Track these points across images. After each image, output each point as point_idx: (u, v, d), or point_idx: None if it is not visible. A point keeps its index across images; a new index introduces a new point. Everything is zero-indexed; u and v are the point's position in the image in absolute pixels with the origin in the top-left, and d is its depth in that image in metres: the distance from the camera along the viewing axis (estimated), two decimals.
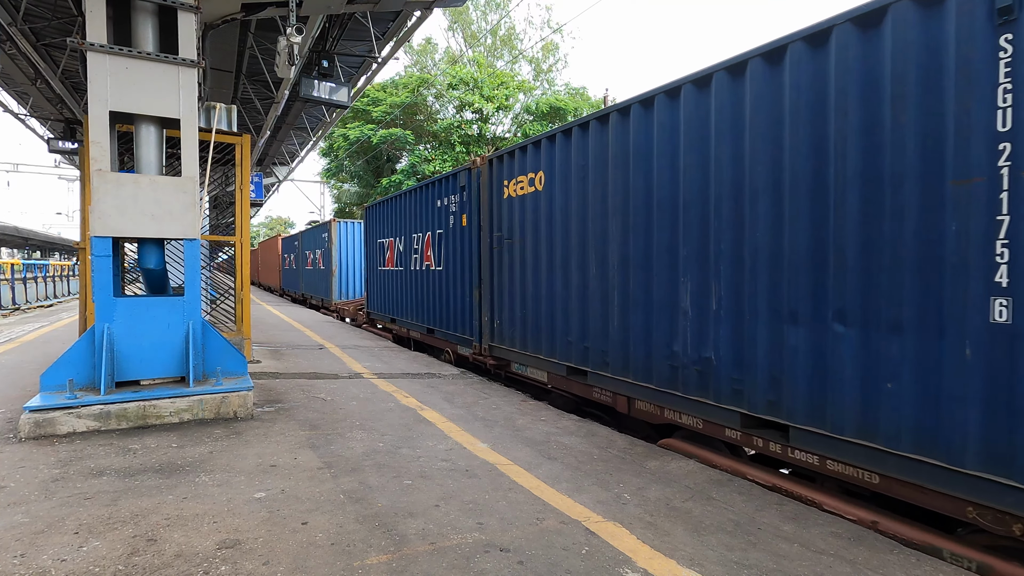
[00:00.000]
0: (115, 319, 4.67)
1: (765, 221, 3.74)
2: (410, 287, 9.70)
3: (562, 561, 2.61)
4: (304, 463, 3.83)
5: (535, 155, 6.08)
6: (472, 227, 7.39)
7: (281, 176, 22.72)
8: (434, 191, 8.67)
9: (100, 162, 4.54)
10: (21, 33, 8.53)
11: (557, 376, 5.81)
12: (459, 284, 7.84)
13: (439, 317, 8.53)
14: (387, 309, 11.08)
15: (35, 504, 3.09)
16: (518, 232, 6.40)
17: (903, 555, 2.77)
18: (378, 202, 11.73)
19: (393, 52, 9.94)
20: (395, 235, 10.44)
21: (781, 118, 3.63)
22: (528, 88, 28.56)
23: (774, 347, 3.69)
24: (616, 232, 4.98)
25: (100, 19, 4.55)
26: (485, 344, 7.15)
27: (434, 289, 8.67)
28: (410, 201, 9.68)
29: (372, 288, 12.23)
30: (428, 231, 8.85)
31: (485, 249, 7.06)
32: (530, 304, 6.19)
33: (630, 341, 4.83)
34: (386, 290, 11.14)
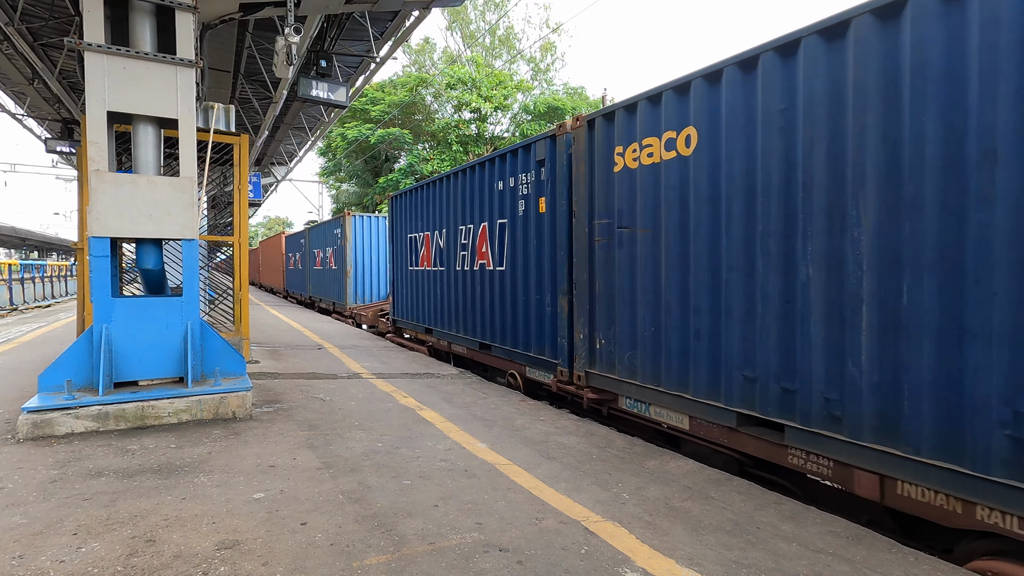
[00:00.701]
0: (113, 320, 4.67)
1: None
2: (454, 292, 8.06)
3: (561, 561, 2.61)
4: (303, 463, 3.83)
5: (677, 105, 4.37)
6: (557, 213, 5.73)
7: (279, 176, 22.69)
8: (493, 170, 6.99)
9: (98, 162, 4.54)
10: (18, 33, 8.51)
11: (715, 425, 4.10)
12: (532, 289, 6.25)
13: (499, 330, 6.91)
14: (420, 317, 9.40)
15: (33, 505, 3.09)
16: (644, 217, 4.69)
17: (901, 554, 2.77)
18: (408, 189, 9.90)
19: (391, 52, 9.93)
20: (432, 228, 8.79)
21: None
22: (526, 88, 28.57)
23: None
24: (870, 210, 3.18)
25: (98, 19, 4.54)
26: (580, 370, 5.38)
27: (492, 295, 7.07)
28: (455, 186, 7.98)
29: (399, 292, 10.51)
30: (483, 221, 7.21)
31: (581, 242, 5.37)
32: (669, 320, 4.45)
33: (899, 387, 3.06)
34: (419, 295, 9.47)
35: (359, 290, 15.16)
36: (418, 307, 9.54)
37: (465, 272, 7.73)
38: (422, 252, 9.28)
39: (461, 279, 7.85)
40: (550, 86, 31.70)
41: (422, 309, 9.34)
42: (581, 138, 5.39)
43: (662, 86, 4.50)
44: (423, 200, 9.19)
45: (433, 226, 8.78)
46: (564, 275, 5.66)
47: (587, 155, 5.31)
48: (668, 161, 4.47)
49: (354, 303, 14.97)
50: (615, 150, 4.99)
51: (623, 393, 4.97)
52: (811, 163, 3.48)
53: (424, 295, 9.23)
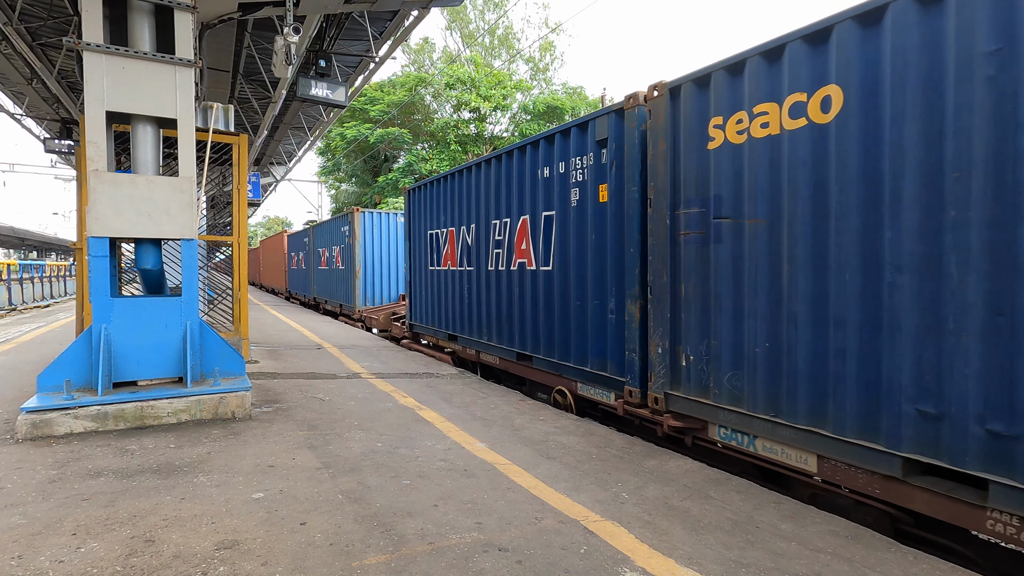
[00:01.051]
0: (112, 320, 4.66)
1: None
2: (485, 294, 7.20)
3: (561, 560, 2.62)
4: (302, 463, 3.83)
5: (808, 59, 3.44)
6: (626, 202, 4.81)
7: (279, 176, 22.67)
8: (536, 155, 6.09)
9: (97, 162, 4.53)
10: (17, 33, 8.50)
11: (863, 471, 3.24)
12: (590, 292, 5.31)
13: (543, 340, 6.01)
14: (442, 322, 8.53)
15: (32, 505, 3.08)
16: (754, 204, 3.73)
17: (900, 553, 2.78)
18: (429, 181, 9.00)
19: (390, 52, 9.92)
20: (458, 224, 7.91)
21: None
22: (525, 88, 28.57)
23: None
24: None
25: (96, 19, 4.54)
26: (657, 391, 4.48)
27: (534, 298, 6.18)
28: (487, 175, 7.13)
29: (417, 294, 9.59)
30: (523, 215, 6.33)
31: (659, 237, 4.46)
32: (794, 334, 3.52)
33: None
34: (441, 297, 8.56)
35: (369, 292, 14.12)
36: (440, 311, 8.64)
37: (500, 272, 6.84)
38: (445, 250, 8.36)
39: (494, 280, 6.97)
40: (549, 86, 31.71)
41: (445, 313, 8.45)
42: (661, 111, 4.42)
43: (782, 37, 3.55)
44: (447, 193, 8.27)
45: (459, 221, 7.88)
46: (634, 276, 4.74)
47: (669, 130, 4.37)
48: (795, 132, 3.50)
49: (364, 305, 13.97)
50: (711, 122, 4.05)
51: (717, 421, 4.03)
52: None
53: (448, 298, 8.33)
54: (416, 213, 9.63)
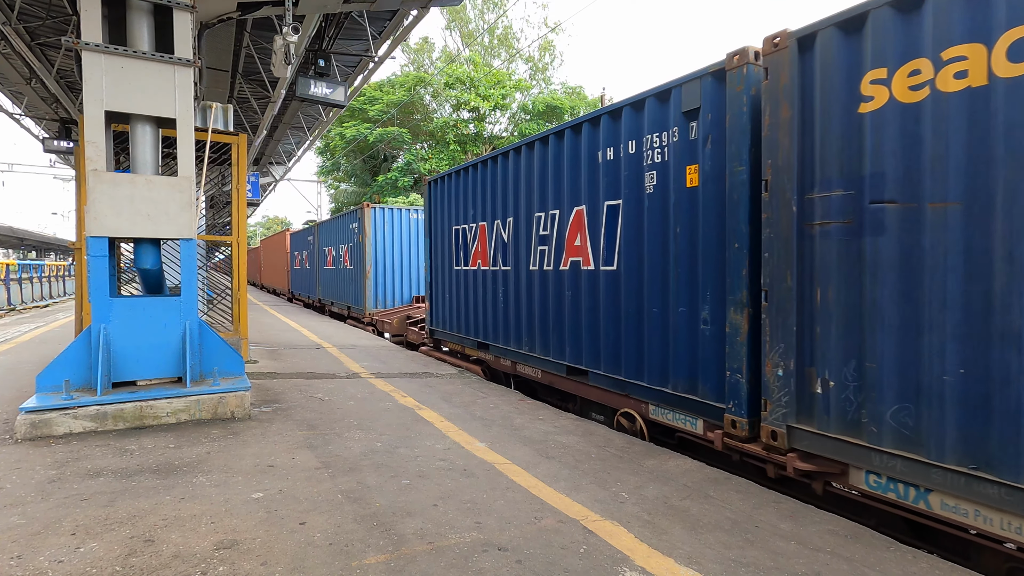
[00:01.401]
0: (111, 319, 4.66)
1: None
2: (525, 298, 6.34)
3: (560, 560, 2.62)
4: (302, 463, 3.83)
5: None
6: (729, 186, 3.91)
7: (278, 176, 22.67)
8: (596, 134, 5.22)
9: (96, 162, 4.53)
10: (15, 32, 8.50)
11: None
12: (673, 297, 4.42)
13: (603, 352, 5.15)
14: (469, 329, 7.69)
15: (32, 505, 3.08)
16: (940, 183, 2.90)
17: (899, 552, 2.78)
18: (454, 171, 8.06)
19: (390, 51, 9.92)
20: (491, 217, 7.07)
21: None
22: (525, 87, 28.57)
23: None
24: None
25: (95, 18, 4.53)
26: (775, 423, 3.59)
27: (592, 303, 5.29)
28: (528, 161, 6.26)
29: (440, 297, 8.67)
30: (578, 205, 5.47)
31: (780, 228, 3.57)
32: (1013, 357, 2.65)
33: None
34: (468, 301, 7.72)
35: (380, 293, 13.24)
36: (467, 316, 7.77)
37: (545, 273, 5.97)
38: (474, 248, 7.48)
39: (538, 282, 6.10)
40: (548, 85, 31.71)
41: (474, 319, 7.56)
42: (784, 68, 3.54)
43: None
44: (477, 183, 7.37)
45: (493, 215, 7.00)
46: (740, 278, 3.84)
47: (796, 92, 3.48)
48: (1014, 82, 2.62)
49: (375, 308, 13.12)
50: (864, 78, 3.19)
51: (869, 467, 3.18)
52: None
53: (477, 301, 7.47)
54: (438, 207, 8.60)
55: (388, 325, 11.89)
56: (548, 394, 6.44)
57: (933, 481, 2.90)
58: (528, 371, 6.42)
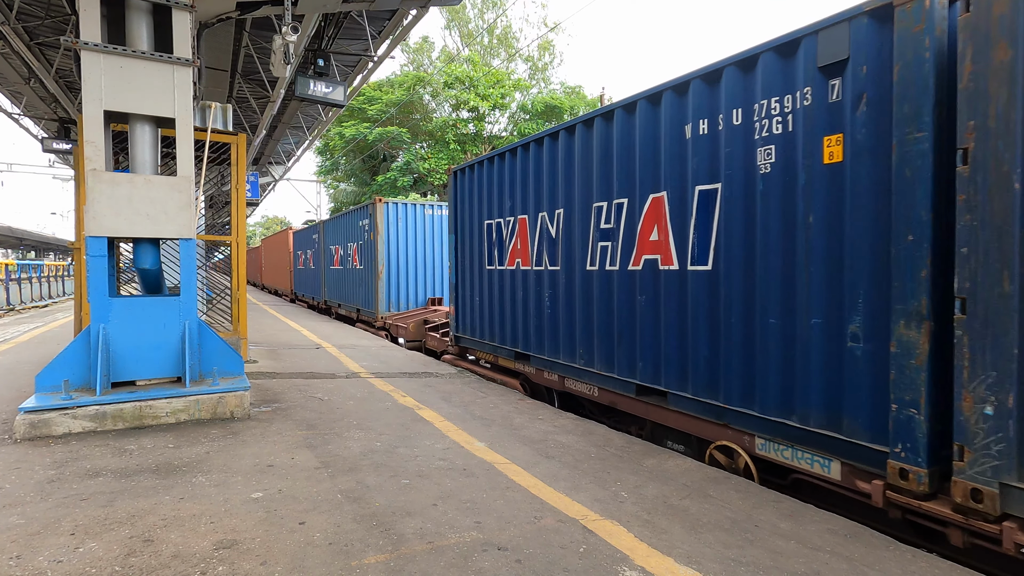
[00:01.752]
0: (111, 319, 4.66)
1: None
2: (581, 302, 5.47)
3: (560, 559, 2.62)
4: (301, 463, 3.83)
5: None
6: (895, 159, 3.09)
7: (277, 175, 22.67)
8: (686, 103, 4.34)
9: (95, 162, 4.53)
10: (14, 32, 8.49)
11: None
12: (798, 303, 3.58)
13: (694, 369, 4.29)
14: (505, 336, 6.85)
15: (31, 505, 3.08)
16: None
17: (898, 551, 2.78)
18: (486, 157, 7.21)
19: (389, 51, 9.92)
20: (534, 209, 6.19)
21: None
22: (524, 87, 28.57)
23: None
24: None
25: (94, 18, 4.53)
26: (977, 478, 2.73)
27: (678, 309, 4.42)
28: (587, 142, 5.38)
29: (468, 300, 7.84)
30: (655, 192, 4.59)
31: (994, 214, 2.73)
32: None
33: None
34: (504, 305, 6.89)
35: (393, 295, 12.33)
36: (502, 322, 6.92)
37: (608, 273, 5.10)
38: (512, 244, 6.63)
39: (598, 284, 5.23)
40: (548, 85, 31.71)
41: (510, 326, 6.73)
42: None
43: None
44: (515, 171, 6.53)
45: (537, 206, 6.15)
46: (917, 281, 2.97)
47: (1021, 26, 2.63)
48: None
49: (387, 311, 12.22)
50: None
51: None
52: None
53: (515, 306, 6.65)
54: (466, 199, 7.73)
55: (403, 330, 10.96)
56: (603, 414, 5.64)
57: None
58: (580, 388, 5.53)
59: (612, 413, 5.46)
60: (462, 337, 8.03)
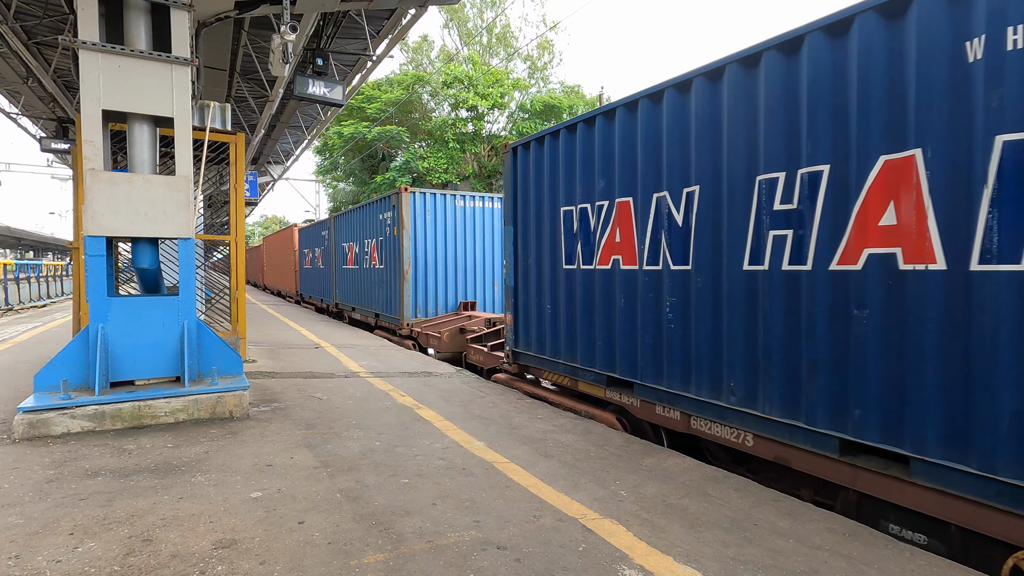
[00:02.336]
0: (109, 319, 4.65)
1: None
2: (727, 316, 4.07)
3: (559, 558, 2.62)
4: (300, 462, 3.83)
5: None
6: None
7: (276, 175, 22.63)
8: (969, 9, 2.81)
9: (93, 161, 4.52)
10: (12, 31, 8.47)
11: None
12: None
13: (1008, 429, 2.65)
14: (592, 356, 5.37)
15: (30, 505, 3.08)
16: None
17: (897, 550, 2.79)
18: (564, 126, 5.71)
19: (388, 50, 9.90)
20: (645, 190, 4.75)
21: None
22: (523, 86, 28.56)
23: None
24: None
25: (92, 17, 4.52)
26: None
27: (942, 334, 2.91)
28: (750, 86, 3.90)
29: (532, 308, 6.38)
30: (895, 151, 3.12)
31: None
32: None
33: None
34: (591, 315, 5.37)
35: (421, 299, 10.86)
36: (587, 337, 5.44)
37: (789, 275, 3.64)
38: (606, 237, 5.16)
39: (764, 289, 3.79)
40: (547, 84, 31.70)
41: (601, 342, 5.22)
42: None
43: None
44: (611, 141, 5.06)
45: (649, 184, 4.68)
46: None
47: None
48: None
49: (413, 317, 10.75)
50: None
51: None
52: None
53: (610, 317, 5.13)
54: (532, 181, 6.28)
55: (436, 340, 9.43)
56: (746, 466, 4.28)
57: None
58: (721, 433, 4.10)
59: (765, 467, 4.09)
60: (523, 353, 6.53)
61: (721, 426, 4.12)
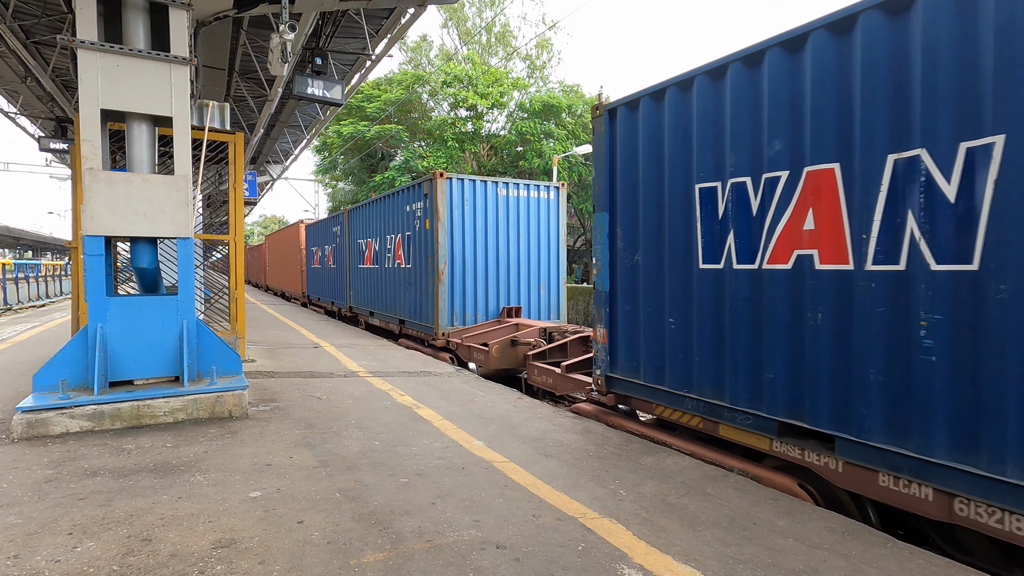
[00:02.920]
0: (108, 319, 4.65)
1: None
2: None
3: (559, 558, 2.62)
4: (300, 462, 3.83)
5: None
6: None
7: (275, 174, 22.62)
8: None
9: (92, 160, 4.51)
10: (10, 30, 8.46)
11: None
12: None
13: None
14: (749, 393, 3.91)
15: (28, 505, 3.07)
16: None
17: (896, 548, 2.79)
18: (698, 72, 4.19)
19: (387, 49, 9.90)
20: (861, 151, 3.23)
21: None
22: (523, 85, 28.55)
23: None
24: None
25: (90, 16, 4.52)
26: None
27: None
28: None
29: (639, 322, 4.85)
30: None
31: None
32: None
33: None
34: (754, 335, 3.88)
35: (458, 304, 9.36)
36: (740, 364, 3.97)
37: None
38: (783, 224, 3.66)
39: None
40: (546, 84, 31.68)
41: (771, 373, 3.76)
42: None
43: None
44: (802, 78, 3.53)
45: (873, 143, 3.19)
46: None
47: None
48: None
49: (450, 325, 9.22)
50: None
51: None
52: None
53: (794, 337, 3.63)
54: (641, 152, 4.74)
55: (482, 355, 7.95)
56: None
57: None
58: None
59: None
60: (626, 380, 4.96)
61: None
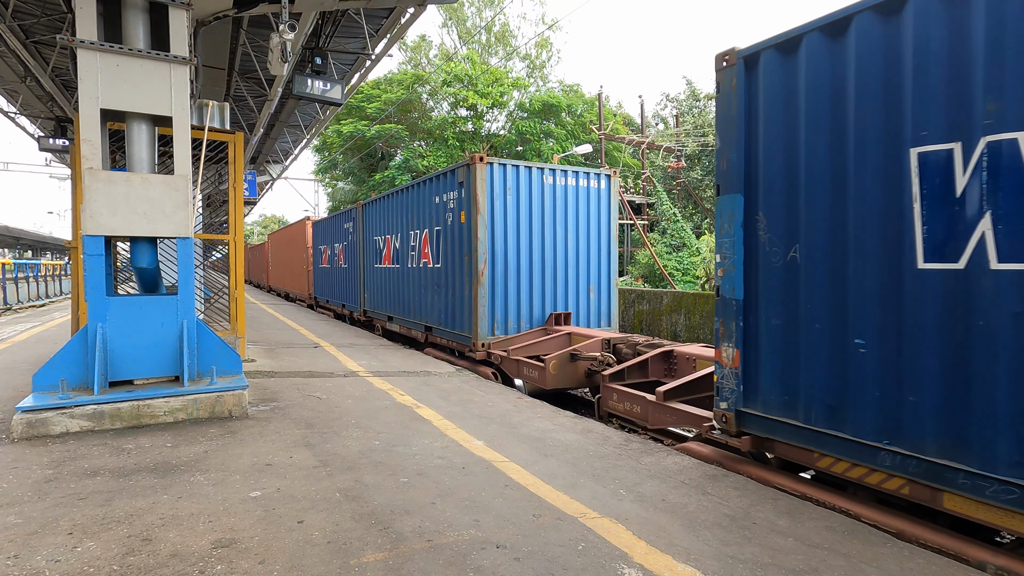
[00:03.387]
0: (108, 318, 4.65)
1: None
2: None
3: (559, 557, 2.62)
4: (300, 462, 3.83)
5: None
6: None
7: (275, 174, 22.60)
8: None
9: (91, 160, 4.51)
10: (10, 30, 8.45)
11: None
12: None
13: None
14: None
15: (28, 505, 3.07)
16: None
17: (896, 548, 2.79)
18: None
19: (387, 49, 9.89)
20: None
21: None
22: (522, 85, 28.55)
23: None
24: None
25: (90, 16, 4.51)
26: None
27: None
28: None
29: (796, 341, 3.53)
30: None
31: None
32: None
33: None
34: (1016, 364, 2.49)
35: (499, 310, 8.03)
36: (997, 407, 2.61)
37: None
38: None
39: None
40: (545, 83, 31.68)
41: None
42: None
43: None
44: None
45: None
46: None
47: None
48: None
49: (490, 335, 7.93)
50: None
51: None
52: None
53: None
54: (804, 111, 3.46)
55: (537, 371, 6.68)
56: None
57: None
58: None
59: None
60: (769, 419, 3.70)
61: None
